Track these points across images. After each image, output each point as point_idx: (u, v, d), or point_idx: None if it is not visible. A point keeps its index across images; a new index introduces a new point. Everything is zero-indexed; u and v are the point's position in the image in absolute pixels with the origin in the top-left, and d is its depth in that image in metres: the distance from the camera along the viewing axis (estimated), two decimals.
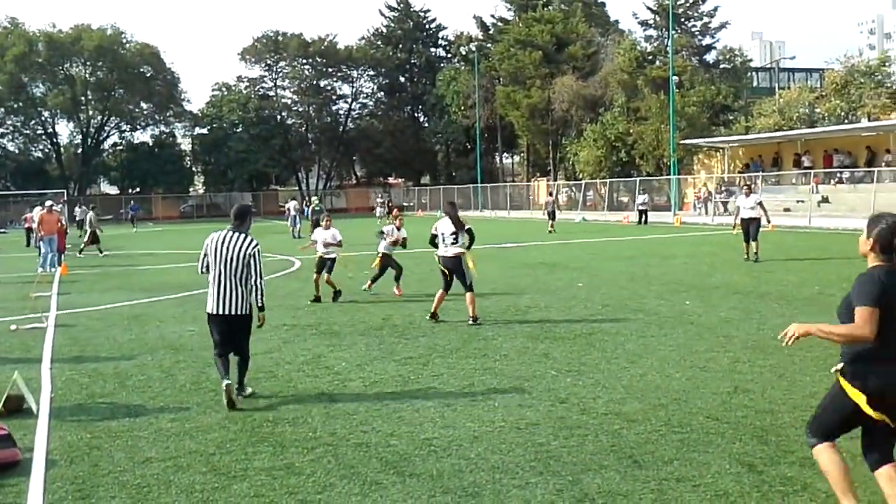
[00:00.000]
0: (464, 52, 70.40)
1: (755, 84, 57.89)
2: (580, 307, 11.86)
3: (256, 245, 7.04)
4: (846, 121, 42.22)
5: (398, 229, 13.90)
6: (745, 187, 19.18)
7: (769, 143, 43.22)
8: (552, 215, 33.99)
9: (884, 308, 3.79)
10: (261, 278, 6.99)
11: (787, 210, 35.74)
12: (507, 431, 5.92)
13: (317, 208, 29.97)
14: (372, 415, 6.46)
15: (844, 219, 32.11)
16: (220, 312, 6.96)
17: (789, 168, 41.30)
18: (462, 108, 67.88)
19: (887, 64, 44.66)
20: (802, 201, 35.99)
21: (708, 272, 16.03)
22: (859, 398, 3.90)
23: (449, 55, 77.92)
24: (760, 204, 17.80)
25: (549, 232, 31.84)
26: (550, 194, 39.35)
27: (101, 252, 25.82)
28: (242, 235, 7.04)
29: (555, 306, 12.02)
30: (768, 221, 17.96)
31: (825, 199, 36.21)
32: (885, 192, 32.66)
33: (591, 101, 55.74)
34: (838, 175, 38.56)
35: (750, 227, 17.57)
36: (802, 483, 4.76)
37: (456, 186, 65.63)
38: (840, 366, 4.03)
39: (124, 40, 71.97)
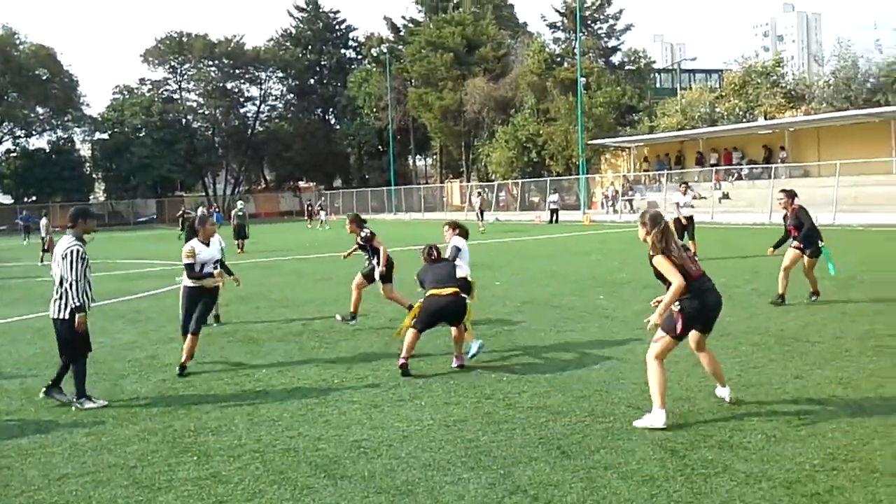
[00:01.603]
0: (375, 54, 70.28)
1: (658, 85, 59.83)
2: (499, 305, 11.99)
3: (70, 247, 6.89)
4: (744, 119, 44.12)
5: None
6: (682, 185, 19.24)
7: (673, 142, 44.76)
8: (481, 215, 34.21)
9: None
10: (74, 280, 6.80)
11: (677, 206, 37.14)
12: (435, 429, 5.94)
13: (240, 213, 27.95)
14: (297, 420, 6.36)
15: (744, 214, 33.60)
16: (51, 317, 7.03)
17: (692, 166, 42.85)
18: (374, 109, 67.72)
19: (781, 65, 46.88)
20: (704, 197, 37.39)
21: (618, 268, 16.47)
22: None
23: (360, 56, 77.61)
24: (698, 197, 18.37)
25: (481, 232, 31.90)
26: (480, 194, 39.62)
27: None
28: (67, 237, 7.01)
29: (474, 305, 12.09)
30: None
31: (726, 196, 37.74)
32: (782, 188, 34.23)
33: (503, 103, 56.52)
34: (737, 172, 40.26)
35: (687, 225, 17.62)
36: (723, 465, 4.95)
37: (369, 189, 65.35)
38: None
39: (17, 41, 68.64)
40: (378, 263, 10.75)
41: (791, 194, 11.10)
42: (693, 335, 6.11)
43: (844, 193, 30.06)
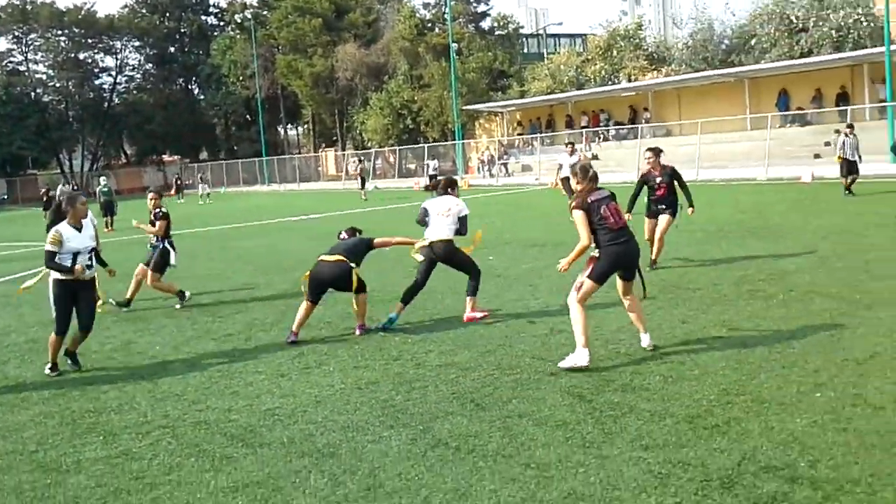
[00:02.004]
0: (239, 20, 67.64)
1: (526, 50, 60.95)
2: (391, 272, 12.02)
3: None
4: (610, 82, 45.69)
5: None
6: (568, 145, 19.24)
7: (543, 106, 45.88)
8: (363, 183, 33.79)
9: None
10: None
11: (561, 167, 38.26)
12: (348, 392, 5.96)
13: (105, 189, 26.36)
14: (203, 393, 6.22)
15: (614, 173, 34.90)
16: None
17: (562, 129, 44.10)
18: (240, 78, 65.50)
19: (643, 28, 48.74)
20: (597, 157, 38.66)
21: (504, 229, 16.85)
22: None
23: (223, 23, 74.58)
24: (593, 158, 18.42)
25: (364, 200, 31.65)
26: (360, 161, 39.16)
27: None
28: None
29: (365, 271, 12.07)
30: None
31: (595, 157, 39.10)
32: (646, 147, 35.80)
33: (375, 69, 56.01)
34: (605, 133, 41.81)
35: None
36: (628, 406, 5.23)
37: (239, 161, 63.28)
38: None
39: None
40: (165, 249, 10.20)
41: (657, 152, 10.60)
42: (617, 282, 6.49)
43: (705, 150, 31.80)
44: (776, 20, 39.52)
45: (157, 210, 10.33)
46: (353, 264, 7.85)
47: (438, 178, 37.76)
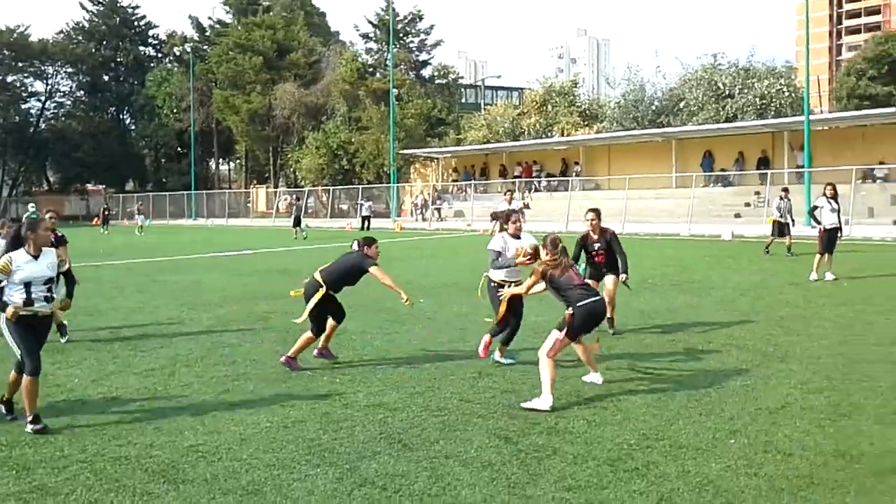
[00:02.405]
0: (177, 53, 67.18)
1: (464, 100, 62.10)
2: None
3: None
4: (544, 135, 46.86)
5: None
6: (507, 192, 19.25)
7: (479, 155, 46.68)
8: (298, 222, 33.38)
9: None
10: None
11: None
12: (274, 431, 5.91)
13: (32, 216, 25.67)
14: (124, 428, 6.07)
15: (543, 223, 35.62)
16: None
17: (496, 177, 44.86)
18: (175, 110, 64.73)
19: (577, 86, 50.33)
20: (528, 207, 39.32)
21: (435, 272, 16.98)
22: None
23: (160, 55, 73.86)
24: (522, 211, 18.13)
25: (296, 238, 31.37)
26: (298, 199, 38.82)
27: None
28: None
29: (297, 310, 11.94)
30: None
31: (527, 206, 39.82)
32: (577, 200, 36.74)
33: (313, 109, 56.15)
34: (537, 184, 42.70)
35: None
36: (552, 448, 5.35)
37: (167, 193, 62.03)
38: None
39: None
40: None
41: (599, 214, 9.80)
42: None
43: (632, 205, 32.78)
44: (704, 85, 41.40)
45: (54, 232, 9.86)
46: (323, 286, 8.07)
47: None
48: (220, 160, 74.30)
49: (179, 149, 70.44)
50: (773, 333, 9.23)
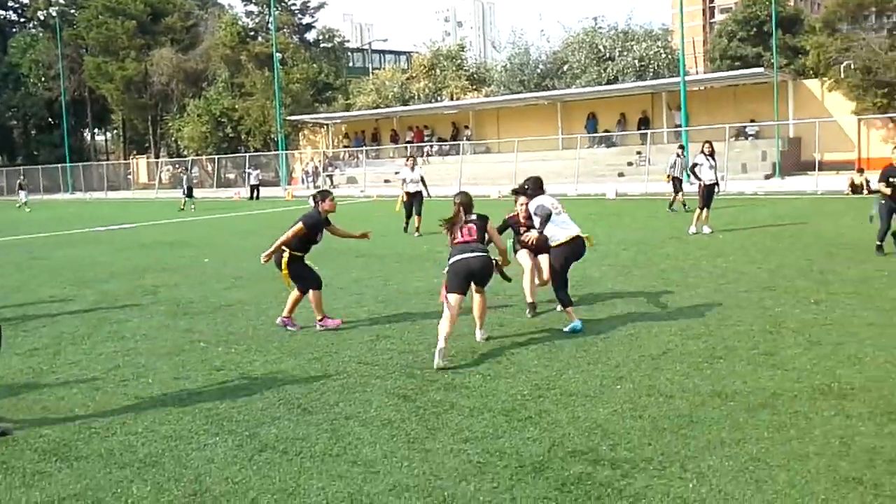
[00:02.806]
0: (42, 17, 62.95)
1: (351, 64, 61.24)
2: (212, 282, 11.73)
3: None
4: (433, 100, 46.90)
5: None
6: (409, 159, 17.93)
7: (369, 120, 46.30)
8: (190, 191, 31.98)
9: None
10: None
11: (386, 181, 38.69)
12: (170, 403, 5.82)
13: None
14: (8, 410, 5.83)
15: (436, 187, 35.81)
16: None
17: (387, 143, 44.69)
18: (43, 79, 60.96)
19: (465, 50, 50.47)
20: (398, 173, 39.28)
21: (330, 239, 16.83)
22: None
23: (23, 20, 69.07)
24: (422, 178, 17.30)
25: (182, 210, 30.27)
26: (188, 169, 37.28)
27: None
28: None
29: (185, 283, 11.73)
30: (429, 195, 17.54)
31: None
32: (469, 164, 37.16)
33: (193, 76, 54.10)
34: (429, 148, 42.81)
35: (414, 201, 17.04)
36: (450, 403, 5.51)
37: (39, 167, 58.49)
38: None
39: None
40: None
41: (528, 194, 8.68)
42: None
43: (521, 168, 33.40)
44: (586, 49, 42.34)
45: None
46: (285, 249, 8.09)
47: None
48: (96, 131, 70.66)
49: (51, 119, 66.35)
50: (655, 285, 9.72)
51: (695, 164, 15.41)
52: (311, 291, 8.10)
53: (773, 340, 6.83)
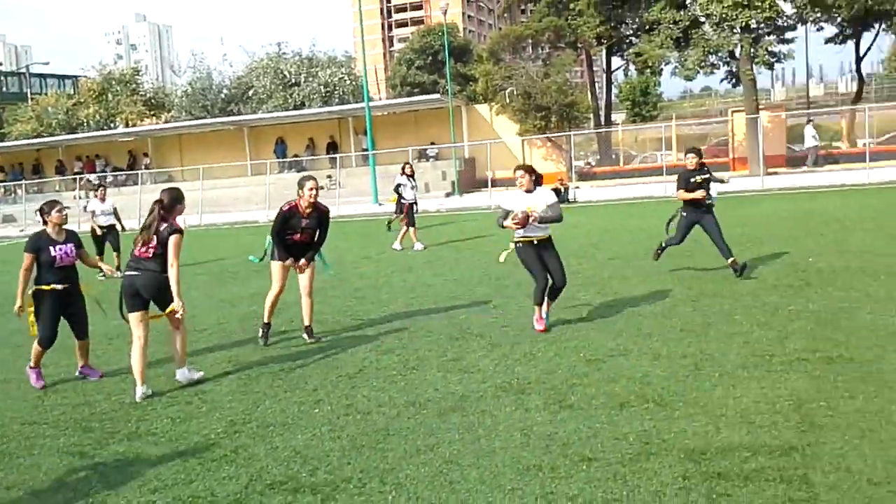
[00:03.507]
0: None
1: (6, 89, 54.82)
2: None
3: None
4: (106, 127, 43.54)
5: None
6: (99, 189, 16.02)
7: (29, 150, 41.67)
8: None
9: None
10: None
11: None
12: None
13: None
14: None
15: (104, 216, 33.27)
16: None
17: (52, 174, 40.52)
18: None
19: (140, 73, 47.53)
20: (69, 207, 35.84)
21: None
22: None
23: None
24: (115, 209, 15.41)
25: None
26: None
27: None
28: None
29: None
30: (123, 228, 15.72)
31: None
32: (148, 193, 34.90)
33: None
34: (102, 179, 39.57)
35: (108, 236, 15.25)
36: (135, 454, 5.04)
37: None
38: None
39: None
40: None
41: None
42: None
43: (208, 196, 32.20)
44: (271, 74, 42.15)
45: None
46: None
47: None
48: None
49: None
50: (350, 304, 9.84)
51: (398, 185, 16.06)
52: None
53: (459, 346, 7.22)
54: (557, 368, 6.26)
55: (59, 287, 6.79)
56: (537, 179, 7.62)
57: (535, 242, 7.44)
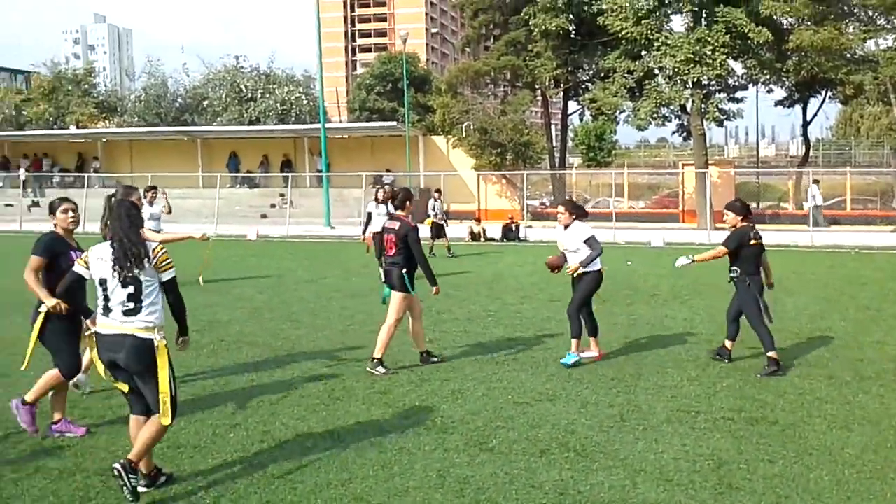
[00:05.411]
0: None
1: None
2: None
3: None
4: (55, 126, 42.58)
5: None
6: (148, 191, 14.44)
7: None
8: None
9: None
10: None
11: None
12: None
13: None
14: None
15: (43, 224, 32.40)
16: None
17: None
18: None
19: (94, 75, 46.65)
20: (12, 205, 34.91)
21: None
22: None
23: None
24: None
25: None
26: None
27: None
28: None
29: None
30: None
31: (36, 204, 35.84)
32: (95, 197, 34.13)
33: None
34: (49, 179, 38.62)
35: None
36: (35, 467, 4.85)
37: None
38: None
39: None
40: None
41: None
42: None
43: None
44: (227, 87, 41.80)
45: None
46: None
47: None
48: None
49: None
50: (284, 328, 9.66)
51: (369, 214, 15.53)
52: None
53: (388, 379, 7.12)
54: (483, 409, 6.21)
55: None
56: (579, 216, 7.88)
57: (574, 276, 8.04)
